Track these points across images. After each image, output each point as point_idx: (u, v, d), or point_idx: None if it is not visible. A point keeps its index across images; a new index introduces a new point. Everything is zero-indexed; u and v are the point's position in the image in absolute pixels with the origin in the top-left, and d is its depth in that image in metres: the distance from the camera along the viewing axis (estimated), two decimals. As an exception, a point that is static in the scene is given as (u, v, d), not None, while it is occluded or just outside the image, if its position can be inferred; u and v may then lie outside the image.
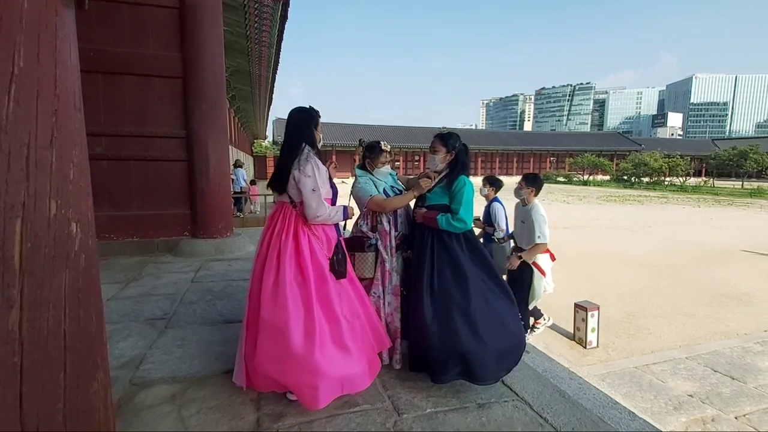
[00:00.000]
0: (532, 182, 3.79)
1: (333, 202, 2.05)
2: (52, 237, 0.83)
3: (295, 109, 2.05)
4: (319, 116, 2.08)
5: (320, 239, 1.96)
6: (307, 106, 2.06)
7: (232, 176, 13.41)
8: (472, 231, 2.22)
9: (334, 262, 1.96)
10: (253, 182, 14.51)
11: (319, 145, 2.09)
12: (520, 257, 3.75)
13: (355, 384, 1.88)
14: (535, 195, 3.80)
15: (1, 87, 0.74)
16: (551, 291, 3.92)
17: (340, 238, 2.08)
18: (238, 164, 14.68)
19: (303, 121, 2.00)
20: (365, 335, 2.00)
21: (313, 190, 1.88)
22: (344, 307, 1.94)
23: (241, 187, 13.54)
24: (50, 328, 0.83)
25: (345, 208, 2.06)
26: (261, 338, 1.83)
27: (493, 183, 4.49)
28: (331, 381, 1.79)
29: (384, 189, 2.33)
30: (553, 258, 3.84)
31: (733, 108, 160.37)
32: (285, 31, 8.70)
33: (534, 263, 3.68)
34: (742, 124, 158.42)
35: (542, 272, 3.69)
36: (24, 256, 0.78)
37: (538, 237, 3.62)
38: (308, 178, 1.89)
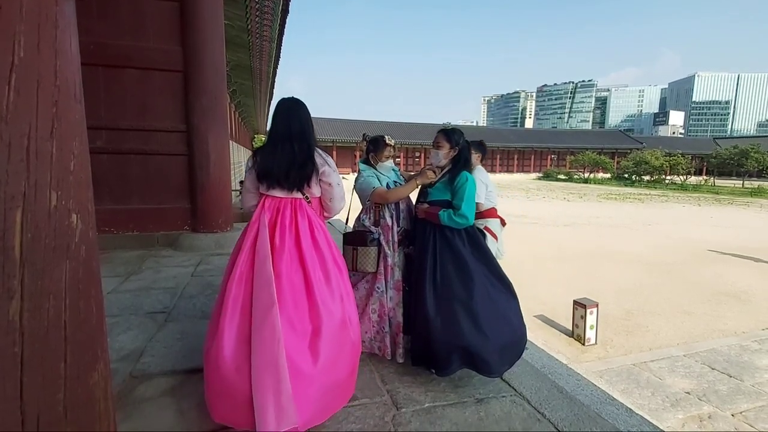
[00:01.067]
0: (478, 147, 3.83)
1: None
2: (53, 228, 0.83)
3: (297, 100, 1.92)
4: None
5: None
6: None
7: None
8: (473, 226, 2.22)
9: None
10: None
11: None
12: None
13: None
14: (481, 160, 3.84)
15: (1, 77, 0.74)
16: (503, 257, 3.90)
17: None
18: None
19: (310, 118, 1.93)
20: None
21: (338, 183, 1.94)
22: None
23: None
24: (51, 318, 0.83)
25: None
26: (324, 338, 1.66)
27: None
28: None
29: (387, 184, 2.33)
30: (503, 223, 3.84)
31: (735, 107, 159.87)
32: (286, 26, 8.65)
33: (486, 228, 3.60)
34: (743, 123, 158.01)
35: (494, 236, 3.65)
36: (24, 247, 0.78)
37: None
38: (335, 173, 1.93)
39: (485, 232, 3.54)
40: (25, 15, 0.77)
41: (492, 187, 3.74)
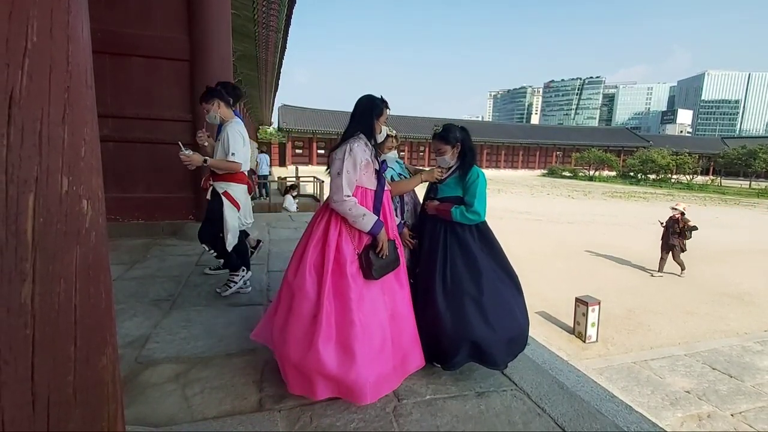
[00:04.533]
0: (218, 95, 3.20)
1: (377, 198, 1.94)
2: (64, 213, 0.83)
3: (363, 96, 2.02)
4: (386, 106, 2.03)
5: (351, 231, 1.88)
6: (378, 96, 2.03)
7: (256, 161, 13.85)
8: (484, 221, 2.22)
9: (362, 259, 1.85)
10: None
11: (380, 138, 2.05)
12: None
13: (353, 392, 1.74)
14: (228, 106, 3.20)
15: (15, 61, 0.74)
16: (249, 225, 3.32)
17: (376, 239, 1.88)
18: (261, 150, 14.96)
19: (365, 110, 1.96)
20: (384, 348, 1.85)
21: (338, 173, 1.83)
22: (364, 311, 1.81)
23: (267, 174, 13.83)
24: (61, 302, 0.84)
25: (378, 222, 1.87)
26: (281, 304, 1.93)
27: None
28: (326, 377, 1.73)
29: (392, 176, 2.33)
30: (250, 190, 3.29)
31: (744, 106, 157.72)
32: (293, 17, 8.59)
33: (225, 193, 3.05)
34: (753, 122, 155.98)
35: (236, 205, 3.08)
36: (36, 231, 0.78)
37: (233, 154, 3.01)
38: (337, 161, 1.86)
39: (224, 198, 3.03)
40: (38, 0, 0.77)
41: (249, 146, 3.20)
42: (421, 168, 2.52)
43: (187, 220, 5.14)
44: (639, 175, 38.83)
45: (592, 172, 42.02)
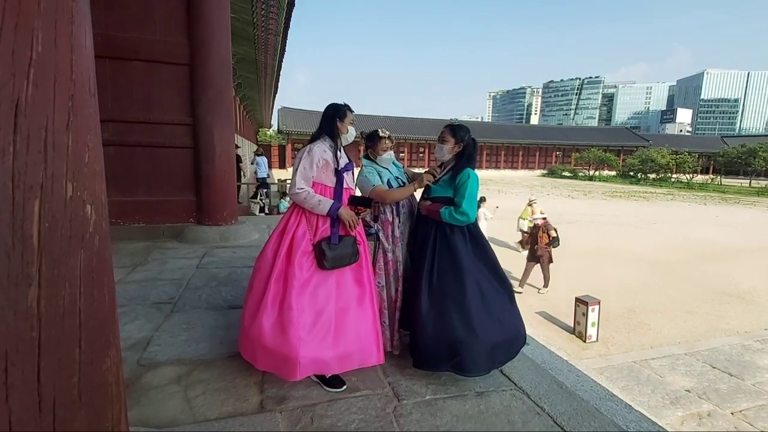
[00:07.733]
0: None
1: (336, 195, 2.06)
2: (69, 218, 0.85)
3: (328, 105, 2.20)
4: (349, 109, 2.19)
5: (311, 224, 2.04)
6: (341, 103, 2.19)
7: (255, 165, 14.00)
8: (475, 224, 2.24)
9: (316, 249, 1.97)
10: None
11: (348, 137, 2.22)
12: None
13: (286, 366, 1.86)
14: None
15: (21, 71, 0.76)
16: None
17: (337, 233, 2.00)
18: (259, 153, 15.13)
19: (328, 115, 2.16)
20: (322, 335, 1.91)
21: (296, 170, 2.06)
22: (305, 298, 1.91)
23: (265, 177, 13.96)
24: (66, 305, 0.86)
25: (334, 204, 1.99)
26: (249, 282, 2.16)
27: None
28: (264, 348, 1.91)
29: (388, 180, 2.34)
30: None
31: (744, 105, 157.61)
32: (292, 19, 8.63)
33: None
34: (752, 121, 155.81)
35: None
36: (42, 236, 0.80)
37: None
38: (296, 160, 2.10)
39: None
40: (42, 11, 0.79)
41: None
42: (417, 172, 2.54)
43: (188, 223, 5.16)
44: (639, 174, 38.84)
45: (592, 172, 42.01)
